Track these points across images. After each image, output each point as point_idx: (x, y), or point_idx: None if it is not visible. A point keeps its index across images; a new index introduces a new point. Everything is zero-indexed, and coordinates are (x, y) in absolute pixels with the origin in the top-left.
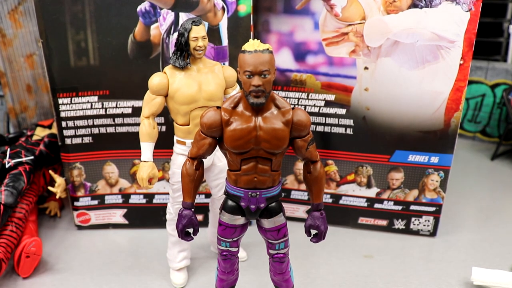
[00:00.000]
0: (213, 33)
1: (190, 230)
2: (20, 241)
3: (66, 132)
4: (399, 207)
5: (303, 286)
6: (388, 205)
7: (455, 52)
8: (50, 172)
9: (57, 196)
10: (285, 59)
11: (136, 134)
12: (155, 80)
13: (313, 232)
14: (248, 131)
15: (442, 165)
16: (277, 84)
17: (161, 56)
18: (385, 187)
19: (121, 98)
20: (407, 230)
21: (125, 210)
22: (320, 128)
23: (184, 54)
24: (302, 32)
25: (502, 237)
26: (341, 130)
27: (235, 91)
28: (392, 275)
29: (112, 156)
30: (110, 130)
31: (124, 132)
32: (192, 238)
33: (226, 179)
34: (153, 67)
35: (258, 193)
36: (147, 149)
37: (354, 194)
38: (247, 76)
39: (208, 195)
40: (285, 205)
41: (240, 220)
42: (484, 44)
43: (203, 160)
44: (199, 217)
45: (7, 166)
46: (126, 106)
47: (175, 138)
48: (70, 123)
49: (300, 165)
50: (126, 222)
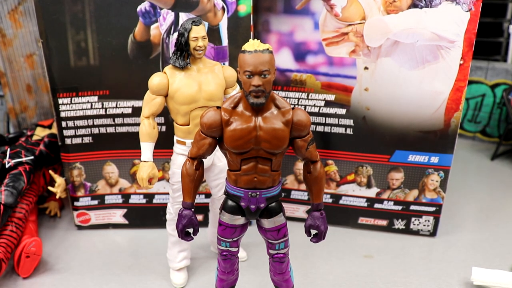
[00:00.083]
0: (213, 33)
1: (190, 230)
2: (20, 241)
3: (66, 132)
4: (399, 207)
5: (303, 286)
6: (388, 205)
7: (455, 52)
8: (50, 172)
9: (57, 196)
10: (285, 59)
11: (136, 134)
12: (155, 80)
13: (313, 232)
14: (248, 131)
15: (442, 165)
16: (277, 84)
17: (161, 56)
18: (385, 187)
19: (121, 98)
20: (407, 230)
21: (125, 210)
22: (320, 128)
23: (184, 54)
24: (302, 32)
25: (502, 237)
26: (341, 130)
27: (235, 91)
28: (392, 275)
29: (112, 156)
30: (110, 130)
31: (124, 132)
32: (192, 238)
33: (226, 179)
34: (153, 67)
35: (258, 193)
36: (147, 149)
37: (354, 194)
38: (247, 76)
39: (208, 195)
40: (285, 205)
41: (240, 220)
42: (484, 44)
43: (203, 160)
44: (199, 217)
45: (7, 166)
46: (126, 106)
47: (175, 138)
48: (70, 123)
49: (300, 165)
50: (126, 222)
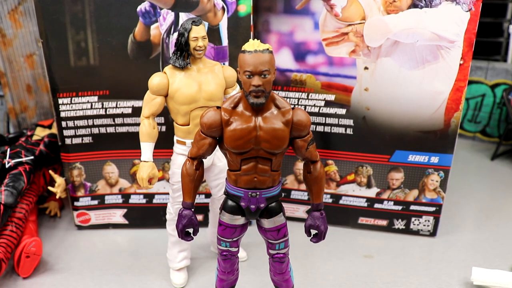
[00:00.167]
0: (213, 33)
1: (190, 230)
2: (20, 241)
3: (66, 132)
4: (399, 207)
5: (303, 286)
6: (388, 205)
7: (455, 52)
8: (50, 172)
9: (57, 196)
10: (285, 59)
11: (136, 134)
12: (155, 80)
13: (313, 232)
14: (248, 131)
15: (442, 165)
16: (277, 84)
17: (161, 56)
18: (385, 187)
19: (121, 98)
20: (407, 230)
21: (125, 210)
22: (320, 128)
23: (184, 54)
24: (302, 32)
25: (502, 237)
26: (341, 130)
27: (235, 91)
28: (392, 275)
29: (112, 156)
30: (110, 130)
31: (124, 132)
32: (192, 238)
33: (226, 179)
34: (153, 67)
35: (258, 193)
36: (147, 149)
37: (354, 194)
38: (247, 76)
39: (208, 195)
40: (285, 205)
41: (240, 220)
42: (484, 44)
43: (203, 160)
44: (199, 217)
45: (7, 166)
46: (126, 106)
47: (175, 138)
48: (70, 123)
49: (300, 165)
50: (126, 222)
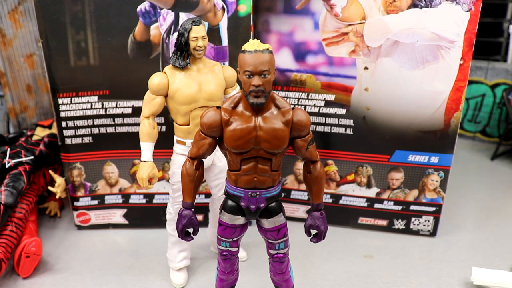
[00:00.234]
0: (213, 33)
1: (190, 230)
2: (20, 241)
3: (66, 132)
4: (399, 207)
5: (303, 286)
6: (388, 205)
7: (455, 52)
8: (50, 172)
9: (57, 196)
10: (285, 59)
11: (136, 134)
12: (155, 80)
13: (313, 232)
14: (248, 131)
15: (442, 165)
16: (277, 84)
17: (161, 56)
18: (385, 187)
19: (121, 98)
20: (407, 230)
21: (125, 210)
22: (320, 128)
23: (184, 54)
24: (302, 32)
25: (502, 237)
26: (341, 130)
27: (235, 91)
28: (392, 275)
29: (112, 156)
30: (110, 130)
31: (124, 132)
32: (192, 238)
33: (226, 179)
34: (153, 67)
35: (258, 193)
36: (147, 149)
37: (354, 194)
38: (247, 76)
39: (208, 195)
40: (285, 205)
41: (240, 220)
42: (484, 44)
43: (203, 160)
44: (199, 217)
45: (7, 166)
46: (126, 106)
47: (175, 138)
48: (70, 123)
49: (300, 165)
50: (126, 222)
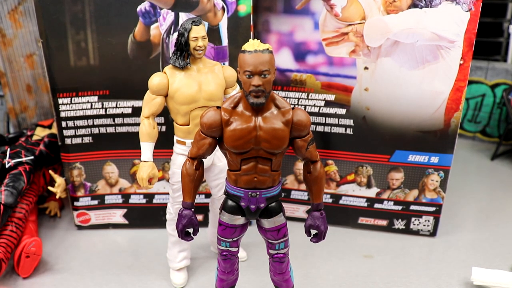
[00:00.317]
0: (213, 33)
1: (190, 230)
2: (20, 241)
3: (66, 132)
4: (399, 207)
5: (303, 286)
6: (388, 205)
7: (455, 52)
8: (50, 172)
9: (57, 196)
10: (285, 59)
11: (136, 134)
12: (155, 80)
13: (313, 232)
14: (248, 131)
15: (442, 165)
16: (277, 84)
17: (161, 56)
18: (385, 187)
19: (121, 98)
20: (407, 230)
21: (125, 210)
22: (320, 128)
23: (184, 54)
24: (302, 32)
25: (502, 237)
26: (341, 130)
27: (235, 91)
28: (392, 275)
29: (112, 156)
30: (110, 130)
31: (124, 132)
32: (192, 238)
33: (226, 179)
34: (153, 67)
35: (258, 193)
36: (147, 149)
37: (354, 194)
38: (247, 76)
39: (208, 195)
40: (285, 205)
41: (240, 220)
42: (484, 44)
43: (203, 160)
44: (199, 217)
45: (7, 166)
46: (126, 106)
47: (175, 138)
48: (70, 123)
49: (300, 165)
50: (126, 222)
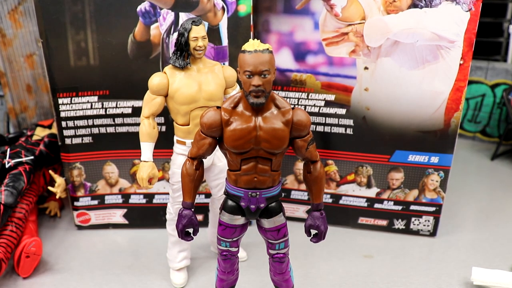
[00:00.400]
0: (213, 33)
1: (190, 230)
2: (20, 241)
3: (66, 132)
4: (399, 207)
5: (303, 286)
6: (388, 205)
7: (455, 52)
8: (50, 172)
9: (57, 196)
10: (285, 59)
11: (136, 134)
12: (155, 80)
13: (313, 232)
14: (248, 131)
15: (442, 165)
16: (277, 84)
17: (161, 56)
18: (385, 187)
19: (121, 98)
20: (407, 230)
21: (125, 210)
22: (320, 128)
23: (184, 54)
24: (302, 32)
25: (502, 237)
26: (341, 130)
27: (235, 91)
28: (392, 275)
29: (112, 156)
30: (110, 130)
31: (124, 132)
32: (192, 238)
33: (226, 179)
34: (153, 67)
35: (258, 193)
36: (147, 149)
37: (354, 194)
38: (247, 76)
39: (208, 195)
40: (285, 205)
41: (240, 220)
42: (484, 44)
43: (203, 160)
44: (199, 217)
45: (7, 166)
46: (126, 106)
47: (175, 138)
48: (70, 123)
49: (300, 165)
50: (126, 222)
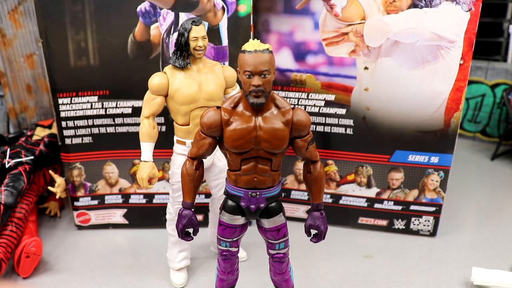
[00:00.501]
0: (213, 33)
1: (190, 230)
2: (20, 241)
3: (66, 132)
4: (399, 207)
5: (303, 286)
6: (388, 205)
7: (455, 52)
8: (50, 172)
9: (57, 196)
10: (285, 59)
11: (136, 134)
12: (155, 80)
13: (313, 232)
14: (248, 131)
15: (442, 165)
16: (277, 84)
17: (161, 56)
18: (385, 187)
19: (121, 98)
20: (407, 230)
21: (125, 210)
22: (320, 128)
23: (184, 54)
24: (302, 32)
25: (502, 237)
26: (341, 130)
27: (235, 91)
28: (392, 275)
29: (112, 156)
30: (110, 130)
31: (124, 132)
32: (192, 238)
33: (226, 179)
34: (153, 67)
35: (258, 193)
36: (147, 149)
37: (354, 194)
38: (247, 76)
39: (208, 195)
40: (285, 205)
41: (240, 220)
42: (484, 44)
43: (203, 160)
44: (199, 217)
45: (7, 166)
46: (126, 106)
47: (175, 138)
48: (70, 123)
49: (300, 165)
50: (126, 222)
